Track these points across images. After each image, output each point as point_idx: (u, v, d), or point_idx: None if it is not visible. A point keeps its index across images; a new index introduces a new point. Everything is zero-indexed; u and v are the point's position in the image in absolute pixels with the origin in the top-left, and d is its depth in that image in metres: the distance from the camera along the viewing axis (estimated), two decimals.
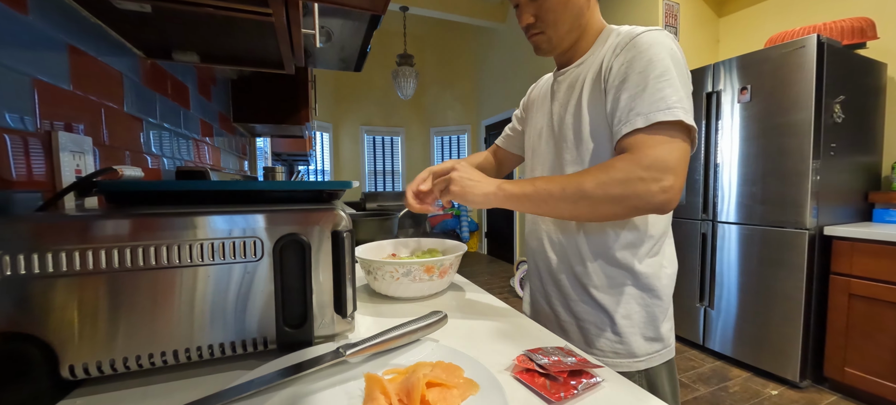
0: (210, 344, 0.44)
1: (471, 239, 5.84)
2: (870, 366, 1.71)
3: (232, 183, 0.59)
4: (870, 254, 1.69)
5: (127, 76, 0.81)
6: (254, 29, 0.77)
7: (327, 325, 0.49)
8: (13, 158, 0.51)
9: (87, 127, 0.67)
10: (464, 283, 0.84)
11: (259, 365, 0.45)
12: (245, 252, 0.44)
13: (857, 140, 1.97)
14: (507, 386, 0.41)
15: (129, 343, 0.40)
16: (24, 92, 0.53)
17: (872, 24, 1.98)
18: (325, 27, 1.08)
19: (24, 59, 0.53)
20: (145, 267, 0.40)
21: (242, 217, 0.44)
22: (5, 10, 0.50)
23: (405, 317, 0.50)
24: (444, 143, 6.20)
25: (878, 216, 2.00)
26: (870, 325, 1.71)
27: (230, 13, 0.66)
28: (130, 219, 0.40)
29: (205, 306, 0.43)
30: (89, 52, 0.68)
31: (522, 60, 4.48)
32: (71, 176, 0.59)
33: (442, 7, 4.30)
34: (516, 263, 3.98)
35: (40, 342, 0.37)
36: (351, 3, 0.76)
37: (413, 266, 0.68)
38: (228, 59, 0.97)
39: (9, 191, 0.50)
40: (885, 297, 1.65)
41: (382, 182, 6.16)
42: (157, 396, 0.41)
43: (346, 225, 0.48)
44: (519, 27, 4.80)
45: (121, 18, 0.70)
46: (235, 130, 1.77)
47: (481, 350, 0.51)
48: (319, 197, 0.56)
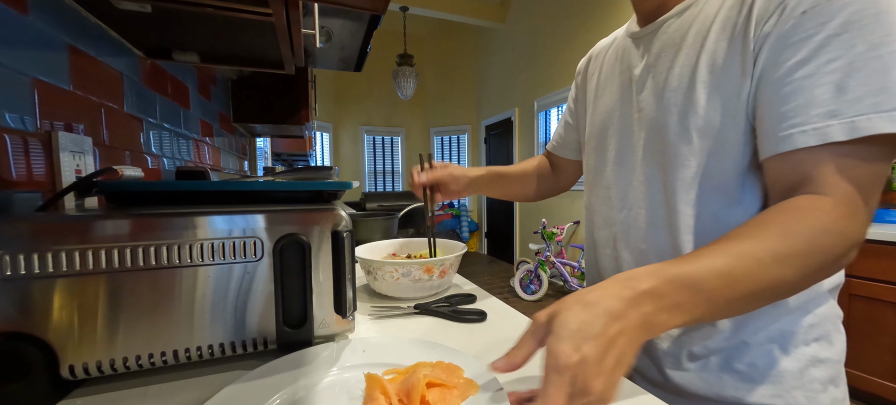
0: (210, 344, 0.44)
1: (471, 239, 5.84)
2: (870, 366, 1.71)
3: (232, 183, 0.59)
4: (870, 254, 1.69)
5: (127, 76, 0.81)
6: (254, 29, 0.77)
7: (327, 325, 0.49)
8: (13, 158, 0.51)
9: (87, 127, 0.67)
10: (464, 283, 0.84)
11: (259, 365, 0.45)
12: (245, 252, 0.44)
13: None
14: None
15: (129, 343, 0.40)
16: (24, 92, 0.53)
17: None
18: (325, 27, 1.08)
19: (24, 59, 0.53)
20: (145, 267, 0.40)
21: (242, 217, 0.44)
22: (5, 10, 0.50)
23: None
24: (444, 143, 6.20)
25: (878, 216, 2.00)
26: (870, 325, 1.71)
27: (230, 13, 0.66)
28: (130, 219, 0.40)
29: (205, 306, 0.43)
30: (89, 52, 0.68)
31: (522, 60, 4.48)
32: (71, 176, 0.59)
33: (442, 7, 4.31)
34: (516, 263, 3.98)
35: (40, 342, 0.37)
36: (351, 3, 0.76)
37: (413, 266, 0.68)
38: (228, 59, 0.97)
39: (9, 191, 0.50)
40: (885, 297, 1.65)
41: (382, 182, 6.16)
42: (157, 396, 0.41)
43: (346, 225, 0.48)
44: (519, 27, 4.81)
45: (121, 18, 0.70)
46: (235, 130, 1.77)
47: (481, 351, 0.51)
48: (319, 197, 0.56)
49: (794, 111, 0.35)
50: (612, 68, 0.57)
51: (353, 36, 1.14)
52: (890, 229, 1.70)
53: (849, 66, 0.32)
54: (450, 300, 0.69)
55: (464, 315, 0.62)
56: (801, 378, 0.44)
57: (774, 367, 0.44)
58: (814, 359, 0.44)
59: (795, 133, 0.35)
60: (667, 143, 0.46)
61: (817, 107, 0.34)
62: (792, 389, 0.43)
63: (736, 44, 0.39)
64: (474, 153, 5.94)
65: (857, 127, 0.32)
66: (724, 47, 0.40)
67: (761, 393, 0.44)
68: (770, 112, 0.37)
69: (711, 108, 0.41)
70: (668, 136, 0.46)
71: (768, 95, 0.37)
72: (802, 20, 0.34)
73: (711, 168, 0.43)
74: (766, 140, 0.37)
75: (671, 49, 0.46)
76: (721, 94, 0.40)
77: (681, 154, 0.45)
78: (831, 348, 0.45)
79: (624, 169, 0.54)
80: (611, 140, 0.56)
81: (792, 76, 0.35)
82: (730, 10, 0.40)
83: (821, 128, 0.33)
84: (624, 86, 0.54)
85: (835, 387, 0.45)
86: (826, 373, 0.44)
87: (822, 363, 0.44)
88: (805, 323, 0.44)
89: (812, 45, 0.34)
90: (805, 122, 0.34)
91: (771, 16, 0.36)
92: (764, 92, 0.37)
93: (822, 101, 0.34)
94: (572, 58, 3.67)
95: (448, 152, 6.20)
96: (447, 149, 6.20)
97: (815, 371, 0.44)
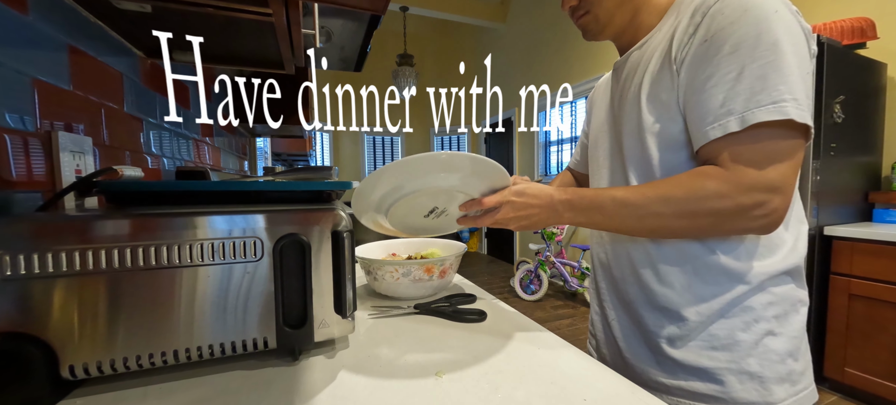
0: (210, 344, 0.44)
1: (471, 239, 5.84)
2: (870, 367, 1.71)
3: (232, 183, 0.59)
4: (870, 254, 1.69)
5: (127, 76, 0.81)
6: (254, 29, 0.77)
7: (327, 325, 0.49)
8: (13, 158, 0.51)
9: (87, 127, 0.67)
10: (464, 283, 0.84)
11: (259, 365, 0.45)
12: (245, 252, 0.44)
13: (857, 140, 1.97)
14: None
15: (129, 343, 0.40)
16: (24, 92, 0.53)
17: (872, 25, 1.97)
18: (325, 27, 1.08)
19: (24, 59, 0.53)
20: (145, 267, 0.40)
21: (242, 217, 0.44)
22: (5, 10, 0.50)
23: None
24: (444, 144, 6.20)
25: (878, 216, 2.00)
26: (870, 326, 1.71)
27: (230, 13, 0.66)
28: (130, 219, 0.40)
29: (205, 306, 0.43)
30: (89, 52, 0.68)
31: (523, 60, 4.48)
32: (71, 176, 0.59)
33: (442, 7, 4.31)
34: (516, 263, 3.98)
35: (40, 342, 0.37)
36: (351, 3, 0.76)
37: (413, 266, 0.68)
38: (228, 59, 0.97)
39: (9, 191, 0.50)
40: (885, 297, 1.65)
41: None
42: (157, 396, 0.41)
43: (346, 225, 0.48)
44: (519, 27, 4.83)
45: (121, 18, 0.70)
46: (235, 130, 1.77)
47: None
48: (319, 197, 0.56)
49: (707, 113, 0.46)
50: (604, 93, 0.69)
51: (353, 36, 1.14)
52: (890, 229, 1.70)
53: (738, 75, 0.44)
54: (450, 300, 0.69)
55: (464, 315, 0.62)
56: (755, 347, 0.51)
57: (733, 338, 0.51)
58: (769, 333, 0.51)
59: (708, 129, 0.46)
60: (630, 145, 0.57)
61: (720, 107, 0.45)
62: (747, 357, 0.51)
63: (668, 65, 0.51)
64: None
65: (744, 119, 0.43)
66: (658, 66, 0.53)
67: (719, 358, 0.52)
68: (693, 116, 0.48)
69: (661, 115, 0.52)
70: (631, 140, 0.57)
71: (691, 103, 0.48)
72: (706, 47, 0.46)
73: (666, 162, 0.53)
74: (694, 137, 0.49)
75: (632, 73, 0.58)
76: (664, 103, 0.52)
77: (640, 155, 0.55)
78: (789, 325, 0.52)
79: (609, 173, 0.64)
80: (600, 151, 0.67)
81: (704, 86, 0.46)
82: (667, 42, 0.52)
83: (723, 123, 0.45)
84: (608, 106, 0.65)
85: (794, 361, 0.52)
86: (783, 346, 0.51)
87: (777, 337, 0.51)
88: (763, 300, 0.51)
89: (713, 64, 0.46)
90: (714, 120, 0.46)
91: (685, 46, 0.49)
92: (688, 101, 0.49)
93: (721, 102, 0.45)
94: (572, 58, 3.67)
95: None
96: (447, 149, 6.20)
97: (772, 342, 0.51)
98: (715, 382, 0.52)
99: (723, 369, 0.52)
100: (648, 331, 0.58)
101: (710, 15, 0.46)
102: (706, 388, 0.53)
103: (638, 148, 0.56)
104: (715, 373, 0.52)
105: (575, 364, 0.48)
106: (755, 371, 0.51)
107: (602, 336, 0.68)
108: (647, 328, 0.58)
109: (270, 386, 0.43)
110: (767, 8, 0.43)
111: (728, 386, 0.51)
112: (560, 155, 4.03)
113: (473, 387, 0.43)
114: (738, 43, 0.44)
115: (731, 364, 0.51)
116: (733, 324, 0.52)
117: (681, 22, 0.50)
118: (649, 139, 0.53)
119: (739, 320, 0.51)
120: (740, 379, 0.51)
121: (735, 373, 0.51)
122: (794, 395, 0.52)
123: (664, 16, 0.56)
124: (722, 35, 0.45)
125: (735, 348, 0.51)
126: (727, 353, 0.52)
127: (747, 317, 0.51)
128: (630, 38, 0.60)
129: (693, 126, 0.48)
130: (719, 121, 0.45)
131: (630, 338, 0.61)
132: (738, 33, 0.44)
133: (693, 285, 0.53)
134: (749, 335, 0.51)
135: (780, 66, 0.42)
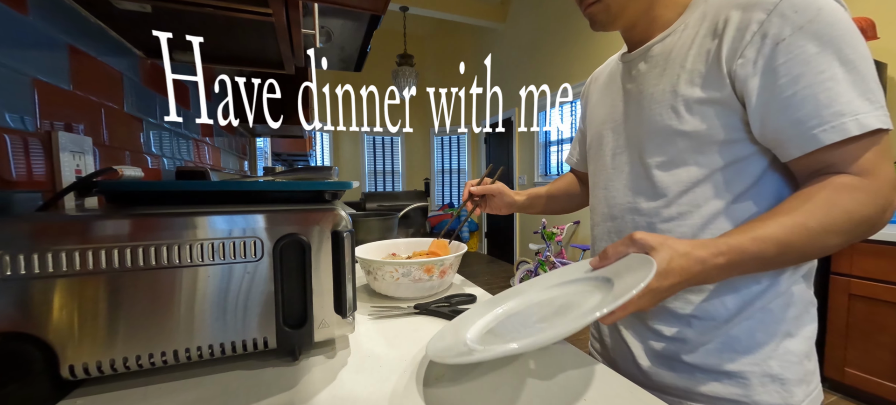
0: (210, 344, 0.44)
1: (471, 239, 5.84)
2: (870, 367, 1.71)
3: (232, 183, 0.59)
4: (870, 254, 1.69)
5: (127, 76, 0.81)
6: (254, 29, 0.77)
7: (327, 325, 0.49)
8: (13, 158, 0.51)
9: (87, 127, 0.67)
10: (464, 283, 0.84)
11: (259, 365, 0.45)
12: (245, 252, 0.44)
13: None
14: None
15: (129, 343, 0.40)
16: (24, 92, 0.53)
17: (872, 24, 1.97)
18: (325, 27, 1.08)
19: (24, 59, 0.53)
20: (145, 267, 0.40)
21: (242, 217, 0.44)
22: (5, 10, 0.50)
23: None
24: (444, 144, 6.20)
25: None
26: (870, 325, 1.71)
27: (230, 13, 0.66)
28: (130, 219, 0.40)
29: (205, 306, 0.43)
30: (89, 52, 0.68)
31: (522, 61, 4.48)
32: (71, 176, 0.59)
33: (442, 7, 4.31)
34: (516, 263, 3.99)
35: (40, 342, 0.37)
36: (351, 3, 0.76)
37: (413, 266, 0.68)
38: (228, 59, 0.97)
39: (9, 191, 0.50)
40: (885, 297, 1.65)
41: (382, 182, 6.16)
42: (157, 396, 0.41)
43: (346, 225, 0.48)
44: (519, 27, 4.83)
45: (121, 18, 0.70)
46: (235, 130, 1.77)
47: None
48: (319, 197, 0.56)
49: (808, 115, 0.42)
50: (607, 86, 0.66)
51: (353, 36, 1.14)
52: (890, 229, 1.69)
53: (833, 75, 0.41)
54: (450, 300, 0.69)
55: None
56: (776, 350, 0.51)
57: (753, 339, 0.51)
58: (787, 334, 0.51)
59: (817, 132, 0.42)
60: (655, 145, 0.54)
61: (826, 108, 0.41)
62: (768, 359, 0.51)
63: (712, 62, 0.48)
64: (474, 154, 5.94)
65: (862, 122, 0.40)
66: (700, 65, 0.49)
67: (742, 361, 0.51)
68: (785, 122, 0.44)
69: (696, 112, 0.49)
70: (657, 139, 0.54)
71: (775, 108, 0.44)
72: (786, 46, 0.42)
73: (704, 164, 0.51)
74: (792, 143, 0.44)
75: (656, 68, 0.55)
76: (705, 100, 0.49)
77: (670, 156, 0.53)
78: (805, 327, 0.52)
79: (616, 170, 0.61)
80: (606, 147, 0.64)
81: (794, 88, 0.42)
82: (698, 37, 0.50)
83: (837, 124, 0.41)
84: (615, 100, 0.62)
85: (809, 361, 0.52)
86: (800, 346, 0.52)
87: (794, 338, 0.51)
88: (781, 302, 0.51)
89: (800, 63, 0.42)
90: (822, 122, 0.42)
91: (746, 45, 0.44)
92: (769, 104, 0.44)
93: (826, 103, 0.41)
94: (572, 58, 3.67)
95: (448, 153, 6.20)
96: (447, 149, 6.20)
97: (790, 343, 0.51)
98: (737, 386, 0.52)
99: (746, 372, 0.51)
100: (661, 335, 0.57)
101: (779, 14, 0.42)
102: (727, 392, 0.52)
103: (666, 148, 0.52)
104: (738, 376, 0.51)
105: (575, 363, 0.48)
106: (777, 373, 0.51)
107: (609, 341, 0.66)
108: (658, 332, 0.57)
109: (270, 386, 0.43)
110: (835, 5, 0.42)
111: (751, 389, 0.51)
112: (560, 155, 4.03)
113: (473, 386, 0.43)
114: (826, 42, 0.41)
115: (754, 366, 0.51)
116: (752, 326, 0.51)
117: (729, 20, 0.46)
118: (683, 140, 0.51)
119: (758, 322, 0.51)
120: (762, 381, 0.51)
121: (758, 376, 0.51)
122: (808, 395, 0.52)
123: (685, 11, 0.53)
124: (803, 34, 0.41)
125: (757, 350, 0.51)
126: (750, 356, 0.51)
127: (767, 319, 0.51)
128: (643, 31, 0.57)
129: (785, 131, 0.44)
130: (830, 123, 0.41)
131: (643, 343, 0.59)
132: (822, 32, 0.41)
133: (711, 287, 0.52)
134: (769, 337, 0.51)
135: (867, 67, 0.41)
